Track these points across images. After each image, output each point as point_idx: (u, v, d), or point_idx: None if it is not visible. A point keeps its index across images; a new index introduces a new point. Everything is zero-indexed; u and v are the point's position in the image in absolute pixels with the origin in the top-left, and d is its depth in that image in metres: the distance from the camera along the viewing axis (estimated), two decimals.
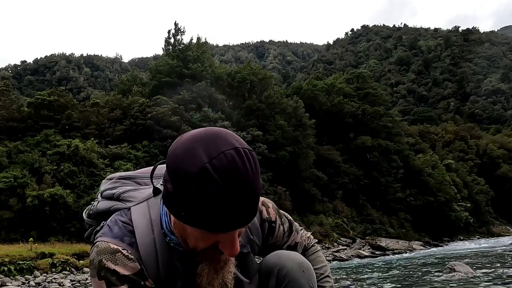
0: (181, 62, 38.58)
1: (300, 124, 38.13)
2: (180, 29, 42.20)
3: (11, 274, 14.71)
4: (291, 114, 38.56)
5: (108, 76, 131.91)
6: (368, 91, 50.03)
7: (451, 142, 70.10)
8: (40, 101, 30.54)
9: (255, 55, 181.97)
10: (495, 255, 14.97)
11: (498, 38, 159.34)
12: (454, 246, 32.21)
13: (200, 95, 34.11)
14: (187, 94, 34.26)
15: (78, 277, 15.67)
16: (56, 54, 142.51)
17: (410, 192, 43.97)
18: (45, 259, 16.13)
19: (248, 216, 0.93)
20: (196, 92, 34.42)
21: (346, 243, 31.87)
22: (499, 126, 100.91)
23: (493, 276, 7.53)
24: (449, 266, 8.59)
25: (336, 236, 32.60)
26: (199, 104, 33.81)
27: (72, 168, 25.28)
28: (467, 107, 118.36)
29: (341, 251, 27.66)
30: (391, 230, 39.02)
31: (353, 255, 25.79)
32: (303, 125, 38.34)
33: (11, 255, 15.48)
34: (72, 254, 17.26)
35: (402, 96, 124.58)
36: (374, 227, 38.33)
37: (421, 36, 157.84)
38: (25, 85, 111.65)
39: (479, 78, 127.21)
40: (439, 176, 47.48)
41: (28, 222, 21.83)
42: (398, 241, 32.81)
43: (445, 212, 44.71)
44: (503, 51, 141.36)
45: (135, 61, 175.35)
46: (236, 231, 0.95)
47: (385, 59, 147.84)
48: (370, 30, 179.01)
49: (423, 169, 46.83)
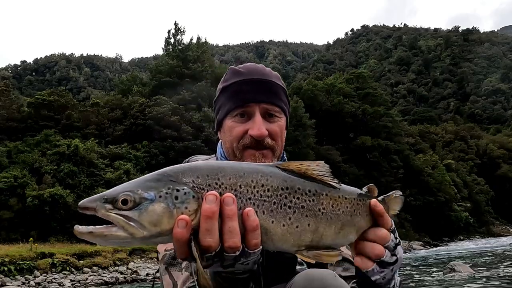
0: (181, 62, 38.58)
1: (300, 124, 38.11)
2: (180, 29, 42.25)
3: (11, 274, 14.72)
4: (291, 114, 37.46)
5: (108, 76, 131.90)
6: (368, 91, 50.02)
7: (451, 142, 70.13)
8: (40, 101, 30.55)
9: (255, 55, 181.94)
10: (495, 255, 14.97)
11: (498, 38, 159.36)
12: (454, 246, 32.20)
13: (200, 95, 34.10)
14: (187, 94, 34.26)
15: (78, 277, 15.69)
16: (56, 54, 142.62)
17: (410, 192, 43.93)
18: (45, 259, 16.14)
19: (263, 93, 1.23)
20: (196, 92, 34.42)
21: None
22: (499, 126, 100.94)
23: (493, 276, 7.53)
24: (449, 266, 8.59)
25: None
26: (199, 104, 33.82)
27: (72, 168, 25.27)
28: (467, 107, 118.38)
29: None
30: None
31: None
32: (303, 125, 38.32)
33: (11, 255, 15.48)
34: (72, 254, 17.27)
35: (402, 96, 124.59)
36: None
37: (421, 36, 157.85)
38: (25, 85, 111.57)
39: (479, 78, 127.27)
40: (439, 176, 47.48)
41: (28, 222, 21.82)
42: None
43: (445, 212, 44.71)
44: (503, 51, 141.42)
45: (135, 61, 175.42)
46: (257, 112, 1.22)
47: (385, 59, 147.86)
48: (370, 30, 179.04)
49: (423, 169, 46.82)
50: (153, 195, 0.74)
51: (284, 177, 0.83)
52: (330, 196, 0.86)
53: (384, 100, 52.86)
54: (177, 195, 0.74)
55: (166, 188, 0.75)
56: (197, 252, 0.74)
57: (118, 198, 0.74)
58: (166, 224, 0.74)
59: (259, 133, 1.20)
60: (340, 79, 52.00)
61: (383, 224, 0.93)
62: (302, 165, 0.86)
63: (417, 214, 42.17)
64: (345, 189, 0.90)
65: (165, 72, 38.62)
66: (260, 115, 1.22)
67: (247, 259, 0.79)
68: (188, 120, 31.55)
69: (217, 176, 0.78)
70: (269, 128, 1.23)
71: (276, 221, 0.80)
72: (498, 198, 60.83)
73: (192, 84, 35.55)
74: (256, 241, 0.77)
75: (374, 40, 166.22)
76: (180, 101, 32.93)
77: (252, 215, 0.76)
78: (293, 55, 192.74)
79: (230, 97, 1.26)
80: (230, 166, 0.82)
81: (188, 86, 35.58)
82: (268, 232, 0.79)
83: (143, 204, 0.74)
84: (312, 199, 0.84)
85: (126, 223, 0.73)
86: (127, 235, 0.74)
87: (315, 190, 0.85)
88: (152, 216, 0.73)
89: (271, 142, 1.24)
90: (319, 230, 0.84)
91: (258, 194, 0.79)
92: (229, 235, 0.75)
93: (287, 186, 0.82)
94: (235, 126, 1.24)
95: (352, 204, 0.90)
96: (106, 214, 0.74)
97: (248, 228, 0.76)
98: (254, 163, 0.99)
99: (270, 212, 0.79)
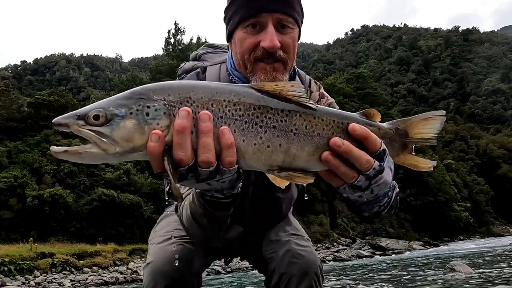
0: (181, 62, 38.44)
1: None
2: (180, 29, 42.22)
3: (11, 274, 14.71)
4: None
5: (108, 76, 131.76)
6: (368, 91, 50.02)
7: (451, 142, 70.12)
8: (40, 101, 30.54)
9: None
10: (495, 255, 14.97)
11: (498, 38, 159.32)
12: (454, 246, 32.20)
13: None
14: None
15: (78, 277, 15.68)
16: (56, 54, 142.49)
17: (410, 192, 43.92)
18: (45, 259, 16.14)
19: (276, 2, 1.19)
20: None
21: (346, 243, 31.86)
22: (499, 126, 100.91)
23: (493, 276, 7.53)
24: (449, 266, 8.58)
25: (336, 236, 32.60)
26: None
27: (72, 168, 25.26)
28: (467, 107, 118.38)
29: (341, 251, 27.64)
30: (391, 230, 39.02)
31: (353, 255, 25.79)
32: None
33: (11, 255, 15.48)
34: (72, 254, 17.26)
35: (402, 96, 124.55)
36: (374, 227, 38.30)
37: (421, 36, 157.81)
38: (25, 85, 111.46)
39: (479, 78, 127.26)
40: (439, 176, 47.44)
41: (28, 222, 21.82)
42: (398, 241, 32.81)
43: (445, 212, 44.69)
44: (503, 51, 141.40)
45: (135, 61, 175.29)
46: (269, 22, 1.20)
47: (385, 59, 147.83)
48: (370, 30, 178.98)
49: None
50: (124, 112, 0.77)
51: (257, 97, 0.84)
52: (304, 117, 0.85)
53: (384, 100, 52.86)
54: (148, 111, 0.77)
55: (137, 105, 0.77)
56: (169, 165, 0.77)
57: (89, 114, 0.77)
58: (138, 139, 0.76)
59: (271, 44, 1.19)
60: (340, 79, 51.98)
61: (365, 147, 0.86)
62: (277, 86, 0.85)
63: (417, 214, 42.18)
64: (323, 110, 0.88)
65: (165, 72, 38.61)
66: (273, 26, 1.21)
67: (222, 176, 0.81)
68: None
69: (189, 95, 0.79)
70: (282, 40, 1.22)
71: (247, 140, 0.81)
72: (498, 198, 60.82)
73: None
74: (230, 159, 0.79)
75: (374, 40, 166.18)
76: None
77: (226, 133, 0.78)
78: None
79: (241, 5, 1.23)
80: (202, 85, 0.83)
81: None
82: (239, 151, 0.81)
83: (114, 120, 0.76)
84: (285, 120, 0.83)
85: (98, 139, 0.76)
86: (100, 151, 0.76)
87: (288, 110, 0.84)
88: (124, 132, 0.76)
89: (283, 55, 1.24)
90: (291, 151, 0.83)
91: (229, 113, 0.80)
92: (202, 150, 0.78)
93: (260, 106, 0.82)
94: (246, 37, 1.23)
95: (330, 127, 0.87)
96: (78, 130, 0.77)
97: (223, 146, 0.78)
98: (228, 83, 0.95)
99: (242, 131, 0.80)
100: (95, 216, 23.17)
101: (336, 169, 0.86)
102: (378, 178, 0.88)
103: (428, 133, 0.96)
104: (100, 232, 22.13)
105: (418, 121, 0.96)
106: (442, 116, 0.96)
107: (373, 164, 0.86)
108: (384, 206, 0.98)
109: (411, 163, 0.98)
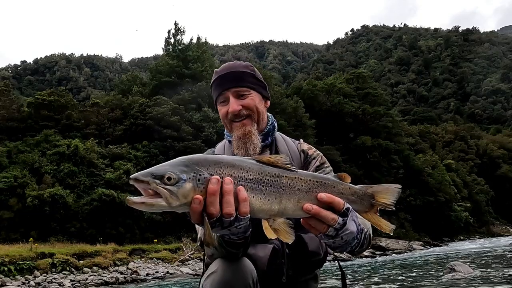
0: (181, 62, 38.53)
1: (300, 124, 38.09)
2: (180, 29, 42.18)
3: (11, 274, 14.71)
4: (291, 114, 38.52)
5: (108, 76, 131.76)
6: (368, 91, 49.98)
7: (451, 142, 70.08)
8: (40, 101, 30.52)
9: (255, 55, 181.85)
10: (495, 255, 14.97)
11: (498, 38, 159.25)
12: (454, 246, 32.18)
13: (200, 95, 34.07)
14: (187, 94, 34.24)
15: (78, 277, 15.66)
16: (56, 54, 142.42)
17: (410, 192, 43.89)
18: (45, 259, 16.12)
19: (231, 81, 1.70)
20: (196, 92, 34.39)
21: None
22: (499, 126, 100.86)
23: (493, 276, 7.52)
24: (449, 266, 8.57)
25: None
26: (199, 104, 33.78)
27: (72, 168, 25.26)
28: (467, 107, 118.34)
29: None
30: None
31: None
32: (303, 125, 38.29)
33: (11, 255, 15.47)
34: (72, 254, 17.26)
35: (402, 96, 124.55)
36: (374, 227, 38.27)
37: (421, 36, 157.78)
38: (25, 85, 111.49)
39: (479, 78, 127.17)
40: (439, 176, 47.45)
41: (28, 222, 21.82)
42: (398, 241, 32.75)
43: (445, 212, 44.66)
44: (503, 51, 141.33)
45: (135, 61, 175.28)
46: (230, 96, 1.70)
47: (385, 59, 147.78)
48: (370, 30, 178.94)
49: (423, 169, 46.77)
50: (186, 177, 1.05)
51: (259, 166, 1.15)
52: (288, 177, 1.16)
53: (384, 100, 52.80)
54: (199, 178, 1.06)
55: (193, 172, 1.06)
56: (205, 219, 1.08)
57: (164, 175, 1.04)
58: (191, 197, 1.05)
59: (232, 110, 1.69)
60: (340, 79, 51.94)
61: (332, 208, 1.14)
62: (271, 157, 1.17)
63: (417, 214, 42.15)
64: (301, 173, 1.19)
65: (165, 72, 38.57)
66: (234, 97, 1.70)
67: (239, 223, 1.11)
68: (188, 120, 31.53)
69: (219, 165, 1.11)
70: (243, 103, 1.70)
71: (255, 196, 1.11)
72: (498, 198, 60.77)
73: (192, 84, 35.52)
74: (245, 210, 1.08)
75: (374, 40, 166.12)
76: (180, 101, 32.90)
77: (242, 191, 1.08)
78: (293, 55, 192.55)
79: (214, 88, 1.77)
80: (226, 159, 1.15)
81: (188, 86, 35.54)
82: (250, 204, 1.10)
83: (180, 183, 1.04)
84: (276, 180, 1.14)
85: (169, 195, 1.03)
86: (166, 204, 1.03)
87: (278, 173, 1.15)
88: (185, 191, 1.04)
89: (246, 112, 1.71)
90: (283, 202, 1.13)
91: (244, 178, 1.11)
92: (226, 205, 1.07)
93: (261, 172, 1.14)
94: (221, 108, 1.75)
95: (308, 184, 1.16)
96: (156, 187, 1.03)
97: (240, 200, 1.08)
98: (240, 157, 1.26)
99: (252, 190, 1.11)
100: (95, 216, 23.16)
101: (314, 219, 1.14)
102: (344, 229, 1.16)
103: (389, 199, 1.26)
104: (100, 232, 22.13)
105: (382, 189, 1.26)
106: (399, 188, 1.27)
107: (337, 220, 1.14)
108: (355, 246, 1.27)
109: (375, 221, 1.28)
